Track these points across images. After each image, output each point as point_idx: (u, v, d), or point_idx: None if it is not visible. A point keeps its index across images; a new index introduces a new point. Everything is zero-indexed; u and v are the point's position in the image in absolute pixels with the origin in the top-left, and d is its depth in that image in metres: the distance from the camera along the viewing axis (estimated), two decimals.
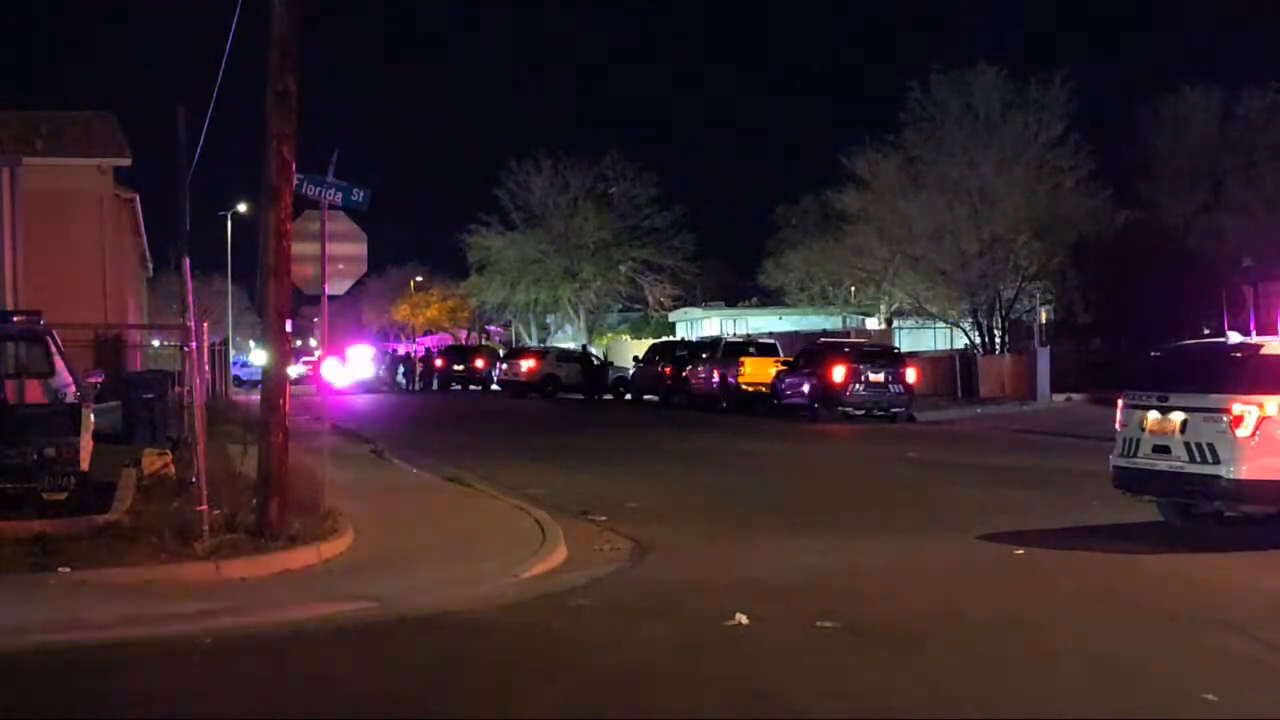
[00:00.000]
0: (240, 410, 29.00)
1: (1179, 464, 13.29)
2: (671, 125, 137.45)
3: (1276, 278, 34.85)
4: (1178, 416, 13.31)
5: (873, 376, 34.94)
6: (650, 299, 71.08)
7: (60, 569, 10.90)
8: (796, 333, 54.96)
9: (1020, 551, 13.05)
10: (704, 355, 43.59)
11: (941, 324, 50.98)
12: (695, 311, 71.51)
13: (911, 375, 36.11)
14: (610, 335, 73.35)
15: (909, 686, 8.07)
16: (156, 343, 42.08)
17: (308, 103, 13.13)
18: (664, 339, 59.88)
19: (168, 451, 16.86)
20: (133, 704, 7.83)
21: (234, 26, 15.71)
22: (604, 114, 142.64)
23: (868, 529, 14.78)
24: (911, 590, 11.20)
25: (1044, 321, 46.88)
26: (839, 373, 34.75)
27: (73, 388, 14.90)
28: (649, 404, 45.92)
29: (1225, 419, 12.86)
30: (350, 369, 61.83)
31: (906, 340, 51.13)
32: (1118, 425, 14.25)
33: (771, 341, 45.55)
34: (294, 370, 31.53)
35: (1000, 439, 29.11)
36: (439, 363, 62.02)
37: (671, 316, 72.35)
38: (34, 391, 16.12)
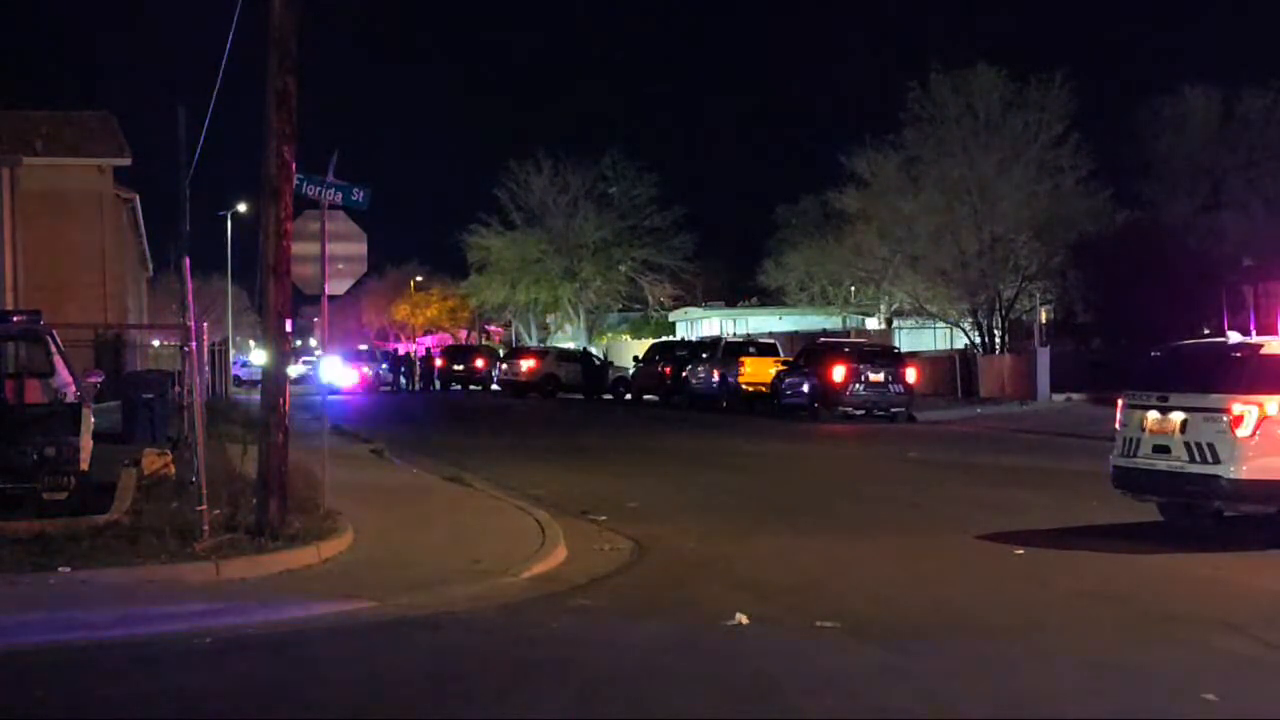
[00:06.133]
0: (240, 410, 29.02)
1: (1179, 464, 13.28)
2: (672, 125, 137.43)
3: (1276, 278, 34.83)
4: (1178, 416, 13.31)
5: (873, 376, 34.96)
6: (650, 299, 71.10)
7: (60, 569, 10.90)
8: (796, 333, 54.93)
9: (1020, 551, 13.05)
10: (704, 355, 43.57)
11: (941, 324, 50.98)
12: (695, 311, 71.47)
13: (911, 375, 36.14)
14: (610, 335, 73.34)
15: (909, 686, 8.07)
16: (156, 343, 42.10)
17: (308, 102, 13.16)
18: (664, 339, 59.84)
19: (168, 451, 16.85)
20: (133, 704, 7.81)
21: (234, 26, 15.73)
22: (604, 114, 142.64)
23: (867, 529, 14.79)
24: (911, 590, 11.20)
25: (1044, 321, 46.92)
26: (839, 373, 34.77)
27: (73, 388, 14.89)
28: (649, 404, 45.90)
29: (1225, 419, 12.86)
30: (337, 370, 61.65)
31: (906, 340, 51.10)
32: (1117, 425, 14.24)
33: (771, 341, 45.54)
34: (294, 370, 31.58)
35: (1000, 439, 29.11)
36: (439, 363, 62.02)
37: (671, 316, 72.32)
38: (34, 391, 16.13)
